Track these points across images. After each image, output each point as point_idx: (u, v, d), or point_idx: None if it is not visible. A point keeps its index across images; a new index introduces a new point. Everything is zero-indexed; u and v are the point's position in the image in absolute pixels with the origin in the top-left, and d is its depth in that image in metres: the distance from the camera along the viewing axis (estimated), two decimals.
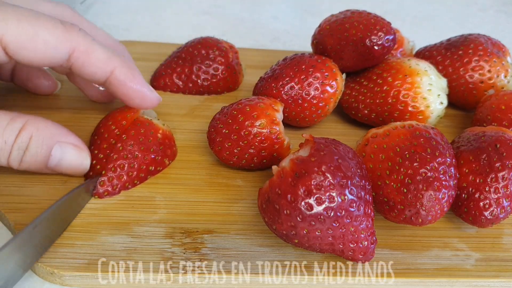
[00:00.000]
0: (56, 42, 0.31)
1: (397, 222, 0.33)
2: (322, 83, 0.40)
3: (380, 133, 0.34)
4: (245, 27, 0.64)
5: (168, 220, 0.34)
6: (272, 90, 0.41)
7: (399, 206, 0.32)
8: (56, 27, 0.31)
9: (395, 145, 0.33)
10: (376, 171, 0.33)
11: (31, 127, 0.32)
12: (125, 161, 0.35)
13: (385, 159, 0.33)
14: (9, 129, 0.31)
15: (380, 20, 0.42)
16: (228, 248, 0.33)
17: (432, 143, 0.32)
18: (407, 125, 0.34)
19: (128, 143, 0.36)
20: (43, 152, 0.33)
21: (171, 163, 0.39)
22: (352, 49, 0.42)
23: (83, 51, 0.32)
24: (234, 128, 0.36)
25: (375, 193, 0.33)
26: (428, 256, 0.34)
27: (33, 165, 0.33)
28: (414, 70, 0.41)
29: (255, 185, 0.38)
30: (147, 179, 0.37)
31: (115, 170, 0.35)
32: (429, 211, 0.31)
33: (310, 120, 0.42)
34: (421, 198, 0.31)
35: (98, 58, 0.33)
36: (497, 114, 0.40)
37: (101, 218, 0.34)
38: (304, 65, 0.41)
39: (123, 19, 0.62)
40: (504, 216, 0.34)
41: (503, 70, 0.45)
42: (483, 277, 0.33)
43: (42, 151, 0.32)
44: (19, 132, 0.32)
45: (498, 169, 0.33)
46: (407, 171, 0.32)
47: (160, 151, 0.37)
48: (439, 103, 0.41)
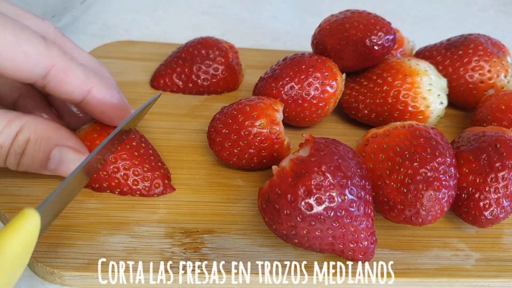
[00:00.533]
0: (37, 56, 0.30)
1: (397, 222, 0.33)
2: (322, 83, 0.41)
3: (380, 133, 0.34)
4: (245, 27, 0.64)
5: (168, 220, 0.34)
6: (272, 90, 0.41)
7: (399, 206, 0.32)
8: (39, 42, 0.30)
9: (395, 145, 0.33)
10: (376, 171, 0.33)
11: (28, 130, 0.32)
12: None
13: (385, 159, 0.33)
14: (6, 132, 0.31)
15: (380, 20, 0.42)
16: (228, 248, 0.33)
17: (432, 143, 0.32)
18: (407, 125, 0.34)
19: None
20: (40, 156, 0.32)
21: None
22: (352, 49, 0.42)
23: (61, 69, 0.32)
24: (234, 128, 0.36)
25: (375, 193, 0.33)
26: (428, 256, 0.34)
27: (31, 168, 0.33)
28: (414, 70, 0.41)
29: (255, 185, 0.38)
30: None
31: None
32: (429, 211, 0.31)
33: (310, 120, 0.42)
34: (421, 198, 0.31)
35: (76, 76, 0.32)
36: (497, 114, 0.40)
37: (101, 218, 0.34)
38: (304, 65, 0.41)
39: (123, 19, 0.62)
40: (504, 216, 0.34)
41: (503, 70, 0.45)
42: (483, 277, 0.33)
43: (39, 155, 0.32)
44: (16, 135, 0.31)
45: (498, 169, 0.33)
46: (407, 171, 0.32)
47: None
48: (439, 103, 0.41)
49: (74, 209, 0.34)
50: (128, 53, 0.52)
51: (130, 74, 0.49)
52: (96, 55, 0.50)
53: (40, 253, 0.31)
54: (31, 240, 0.24)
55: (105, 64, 0.40)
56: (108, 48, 0.52)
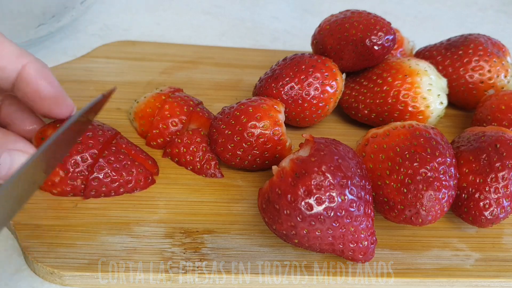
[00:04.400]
0: None
1: (397, 222, 0.33)
2: (322, 83, 0.40)
3: (380, 133, 0.34)
4: (245, 27, 0.64)
5: (168, 220, 0.34)
6: (272, 90, 0.41)
7: (399, 206, 0.32)
8: None
9: (395, 145, 0.33)
10: (376, 171, 0.33)
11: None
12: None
13: (385, 159, 0.33)
14: None
15: (380, 20, 0.42)
16: (228, 248, 0.33)
17: (432, 143, 0.32)
18: (407, 125, 0.34)
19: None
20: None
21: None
22: (352, 49, 0.42)
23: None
24: (237, 129, 0.36)
25: (375, 193, 0.33)
26: (428, 256, 0.34)
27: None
28: (414, 70, 0.41)
29: (255, 185, 0.38)
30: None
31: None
32: (429, 211, 0.31)
33: (310, 120, 0.42)
34: (421, 198, 0.31)
35: (9, 50, 0.30)
36: (497, 114, 0.40)
37: (101, 218, 0.34)
38: (304, 65, 0.41)
39: (123, 19, 0.62)
40: (504, 216, 0.34)
41: (503, 70, 0.45)
42: (483, 277, 0.33)
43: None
44: None
45: (498, 169, 0.33)
46: (407, 171, 0.32)
47: None
48: (439, 103, 0.41)
49: (74, 209, 0.34)
50: (128, 53, 0.52)
51: (130, 74, 0.49)
52: (96, 55, 0.50)
53: (40, 253, 0.31)
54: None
55: (105, 64, 0.40)
56: (108, 48, 0.52)
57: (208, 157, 0.38)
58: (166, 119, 0.39)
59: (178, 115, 0.40)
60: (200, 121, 0.41)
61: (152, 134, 0.40)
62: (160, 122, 0.39)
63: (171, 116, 0.39)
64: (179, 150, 0.39)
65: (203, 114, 0.41)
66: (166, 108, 0.40)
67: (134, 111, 0.42)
